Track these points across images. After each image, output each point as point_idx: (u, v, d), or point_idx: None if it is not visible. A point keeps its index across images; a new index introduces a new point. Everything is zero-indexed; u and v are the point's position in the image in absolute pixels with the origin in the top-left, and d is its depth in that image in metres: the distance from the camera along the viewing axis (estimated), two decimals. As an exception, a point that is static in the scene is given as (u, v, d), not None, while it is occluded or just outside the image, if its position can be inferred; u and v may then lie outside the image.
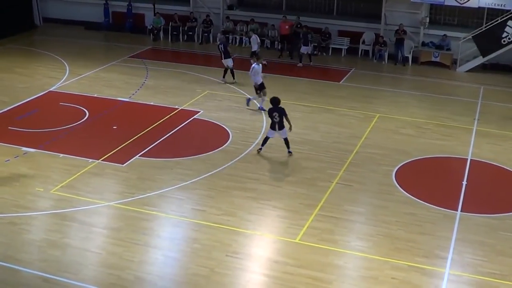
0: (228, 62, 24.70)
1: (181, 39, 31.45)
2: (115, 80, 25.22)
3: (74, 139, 19.35)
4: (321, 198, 16.01)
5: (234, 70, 24.82)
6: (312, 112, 22.10)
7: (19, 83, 24.55)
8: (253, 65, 22.06)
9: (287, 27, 29.51)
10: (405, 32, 28.23)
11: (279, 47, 29.75)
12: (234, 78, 24.73)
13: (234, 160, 18.09)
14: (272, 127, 18.35)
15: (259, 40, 27.30)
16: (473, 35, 27.48)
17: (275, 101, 18.33)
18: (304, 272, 12.95)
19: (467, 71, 27.69)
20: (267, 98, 19.99)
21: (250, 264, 13.38)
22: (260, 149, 18.60)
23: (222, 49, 24.62)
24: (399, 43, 28.34)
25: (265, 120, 20.98)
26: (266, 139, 18.56)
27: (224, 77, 25.00)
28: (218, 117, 21.26)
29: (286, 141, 18.48)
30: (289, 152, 18.47)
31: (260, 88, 22.02)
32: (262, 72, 22.24)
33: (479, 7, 27.25)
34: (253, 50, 26.57)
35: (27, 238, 14.05)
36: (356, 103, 23.08)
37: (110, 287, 12.41)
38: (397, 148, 19.21)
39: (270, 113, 18.38)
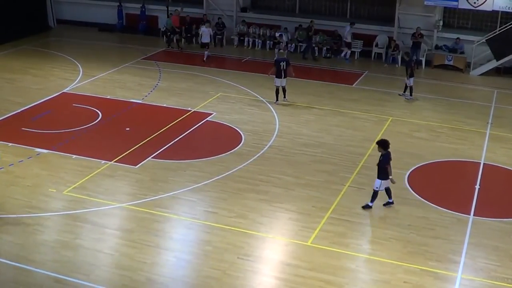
0: (283, 82, 22.82)
1: (194, 41, 31.48)
2: (128, 82, 25.28)
3: (87, 141, 19.42)
4: (334, 201, 15.98)
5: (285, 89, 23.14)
6: (325, 115, 22.05)
7: (33, 84, 24.68)
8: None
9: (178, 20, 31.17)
10: (422, 35, 28.04)
11: (171, 38, 30.85)
12: (285, 97, 22.96)
13: (247, 163, 18.08)
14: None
15: (211, 33, 29.80)
16: (486, 38, 27.35)
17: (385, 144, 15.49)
18: (316, 275, 12.92)
19: (480, 75, 27.52)
20: None
21: (261, 267, 13.37)
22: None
23: (284, 67, 22.70)
24: (416, 46, 28.08)
25: (278, 123, 20.99)
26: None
27: (278, 99, 22.99)
28: (230, 120, 21.26)
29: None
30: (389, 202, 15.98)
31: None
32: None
33: (493, 11, 27.09)
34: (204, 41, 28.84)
35: (39, 239, 14.11)
36: (369, 106, 23.02)
37: (122, 288, 12.48)
38: (410, 152, 19.13)
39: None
